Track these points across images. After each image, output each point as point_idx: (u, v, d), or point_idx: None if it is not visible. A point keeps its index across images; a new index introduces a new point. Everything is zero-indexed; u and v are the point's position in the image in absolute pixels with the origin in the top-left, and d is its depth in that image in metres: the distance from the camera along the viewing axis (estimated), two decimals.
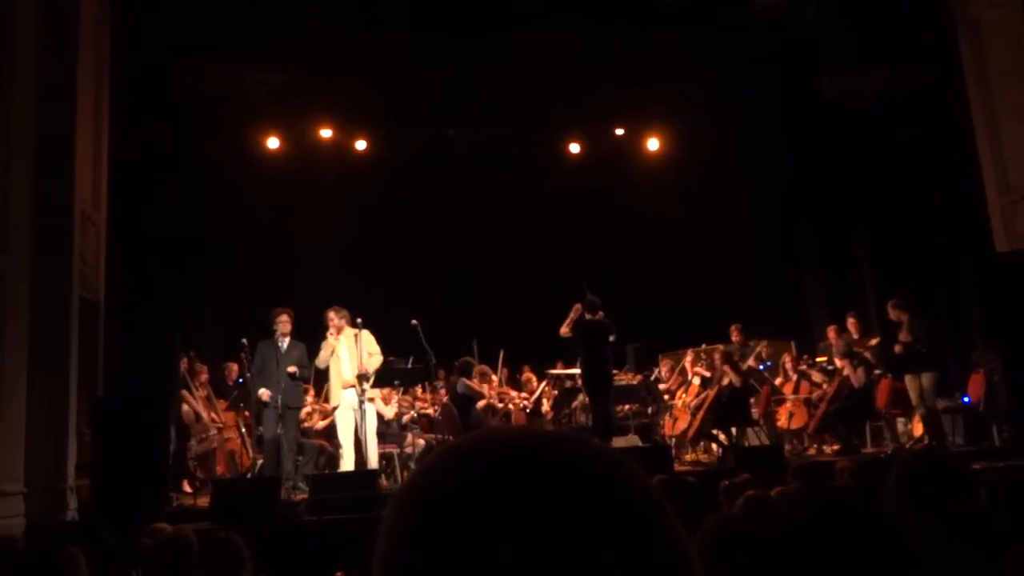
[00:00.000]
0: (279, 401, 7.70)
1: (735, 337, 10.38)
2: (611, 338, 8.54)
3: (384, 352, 8.11)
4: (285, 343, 8.01)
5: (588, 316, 8.46)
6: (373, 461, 7.73)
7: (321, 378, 9.23)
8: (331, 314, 7.95)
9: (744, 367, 9.51)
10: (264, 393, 7.76)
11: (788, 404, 9.76)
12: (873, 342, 9.54)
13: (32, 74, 7.00)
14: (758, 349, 10.12)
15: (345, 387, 7.83)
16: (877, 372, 9.42)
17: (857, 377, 8.93)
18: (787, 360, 10.15)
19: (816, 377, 9.57)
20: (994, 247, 9.02)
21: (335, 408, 8.03)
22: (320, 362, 7.99)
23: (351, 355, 7.83)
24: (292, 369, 7.85)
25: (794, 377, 9.91)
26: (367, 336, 7.93)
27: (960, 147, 9.59)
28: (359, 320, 7.92)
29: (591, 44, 10.15)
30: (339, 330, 7.89)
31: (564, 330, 8.49)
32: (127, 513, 5.63)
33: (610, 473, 0.60)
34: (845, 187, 11.58)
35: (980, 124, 9.30)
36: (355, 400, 7.70)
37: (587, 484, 0.58)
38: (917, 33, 9.96)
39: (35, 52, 7.05)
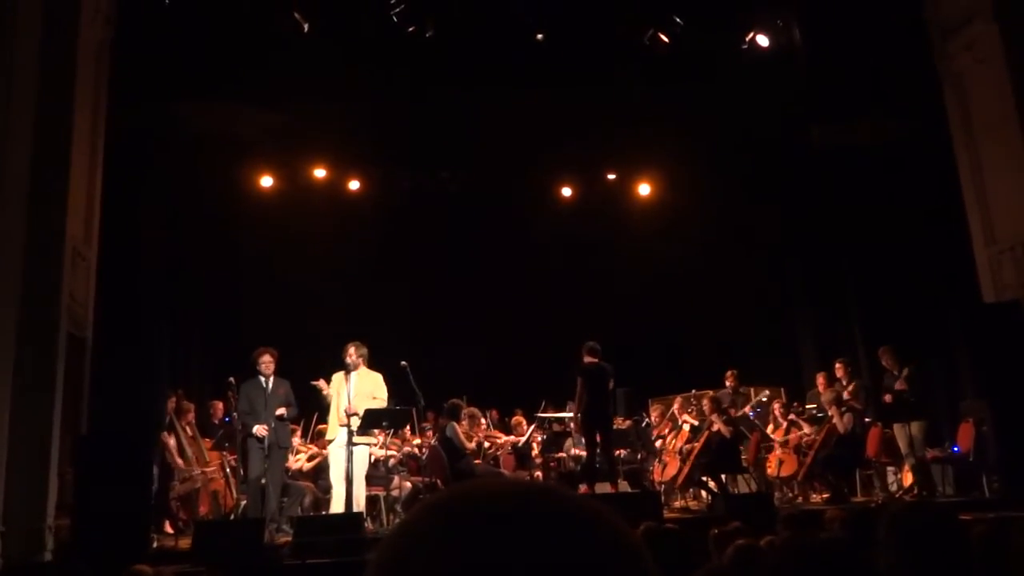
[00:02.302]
0: (266, 441, 7.63)
1: (729, 383, 10.35)
2: (611, 384, 8.57)
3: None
4: (270, 382, 7.97)
5: (588, 360, 8.48)
6: (361, 503, 7.62)
7: (308, 418, 9.16)
8: (350, 348, 7.83)
9: (737, 414, 9.47)
10: (260, 429, 7.68)
11: (778, 452, 9.70)
12: (849, 388, 9.41)
13: (28, 109, 7.05)
14: (759, 397, 10.08)
15: (341, 424, 7.73)
16: (867, 420, 9.38)
17: (843, 423, 8.90)
18: (776, 407, 10.12)
19: (805, 428, 9.52)
20: (981, 297, 9.08)
21: (330, 441, 7.91)
22: (325, 399, 7.92)
23: (354, 393, 7.68)
24: (281, 411, 7.79)
25: (784, 424, 9.87)
26: (375, 380, 7.81)
27: (948, 198, 9.69)
28: (354, 357, 7.80)
29: (583, 90, 10.31)
30: (355, 366, 7.78)
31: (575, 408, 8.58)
32: (107, 554, 5.53)
33: (595, 534, 0.60)
34: (836, 236, 11.64)
35: (966, 176, 9.41)
36: (345, 439, 7.59)
37: (571, 550, 0.58)
38: (904, 86, 10.15)
39: (32, 88, 7.10)
